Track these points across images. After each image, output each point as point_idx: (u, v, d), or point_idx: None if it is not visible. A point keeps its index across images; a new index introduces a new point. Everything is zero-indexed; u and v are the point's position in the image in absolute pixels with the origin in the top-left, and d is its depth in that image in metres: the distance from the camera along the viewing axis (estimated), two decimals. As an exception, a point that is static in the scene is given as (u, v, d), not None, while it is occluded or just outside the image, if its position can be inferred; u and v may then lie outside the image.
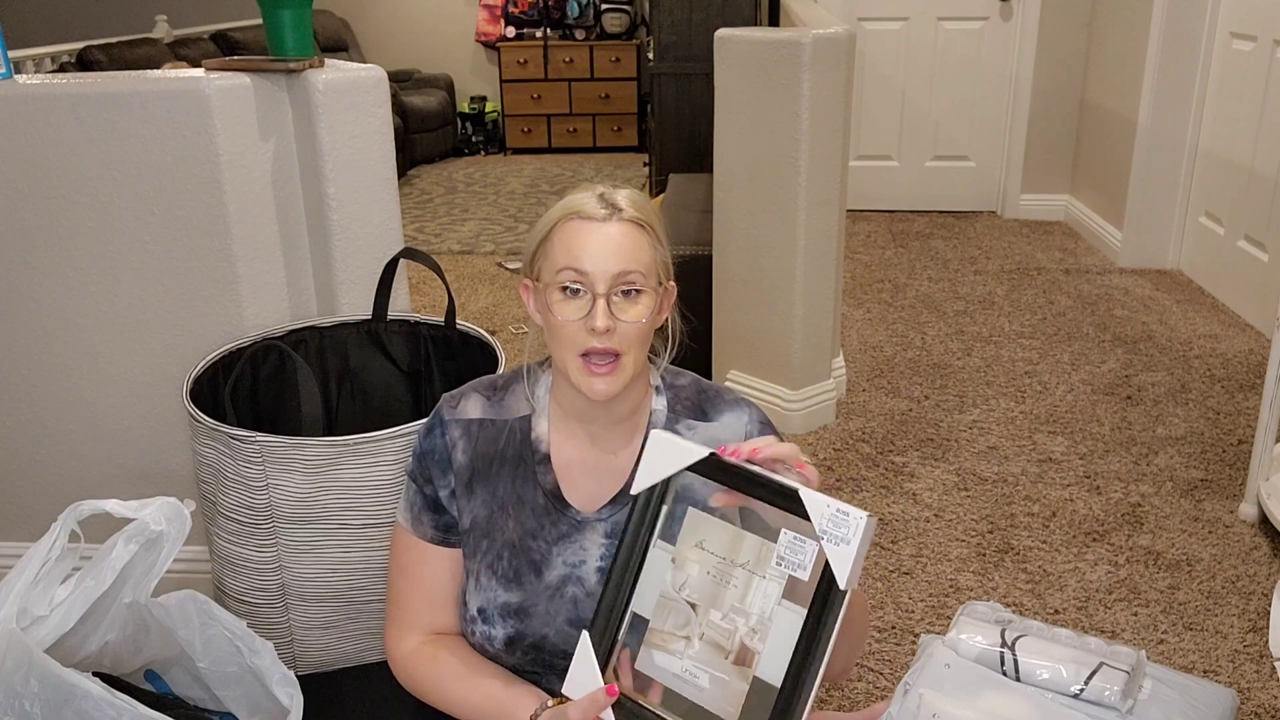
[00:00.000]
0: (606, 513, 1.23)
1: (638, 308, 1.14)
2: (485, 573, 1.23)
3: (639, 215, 1.16)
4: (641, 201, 1.18)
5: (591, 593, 1.22)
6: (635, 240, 1.15)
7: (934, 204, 5.29)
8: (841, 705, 1.88)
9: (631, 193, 1.18)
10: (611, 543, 1.22)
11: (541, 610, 1.22)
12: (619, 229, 1.14)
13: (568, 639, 1.21)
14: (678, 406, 1.25)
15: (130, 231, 1.92)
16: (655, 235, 1.17)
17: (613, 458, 1.24)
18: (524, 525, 1.23)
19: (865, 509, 1.25)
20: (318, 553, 1.57)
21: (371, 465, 1.53)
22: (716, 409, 1.25)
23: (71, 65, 5.01)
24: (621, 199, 1.16)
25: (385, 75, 1.95)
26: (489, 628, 1.22)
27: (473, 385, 1.30)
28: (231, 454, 1.54)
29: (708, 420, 1.24)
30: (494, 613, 1.22)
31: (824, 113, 2.65)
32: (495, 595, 1.22)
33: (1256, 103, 3.63)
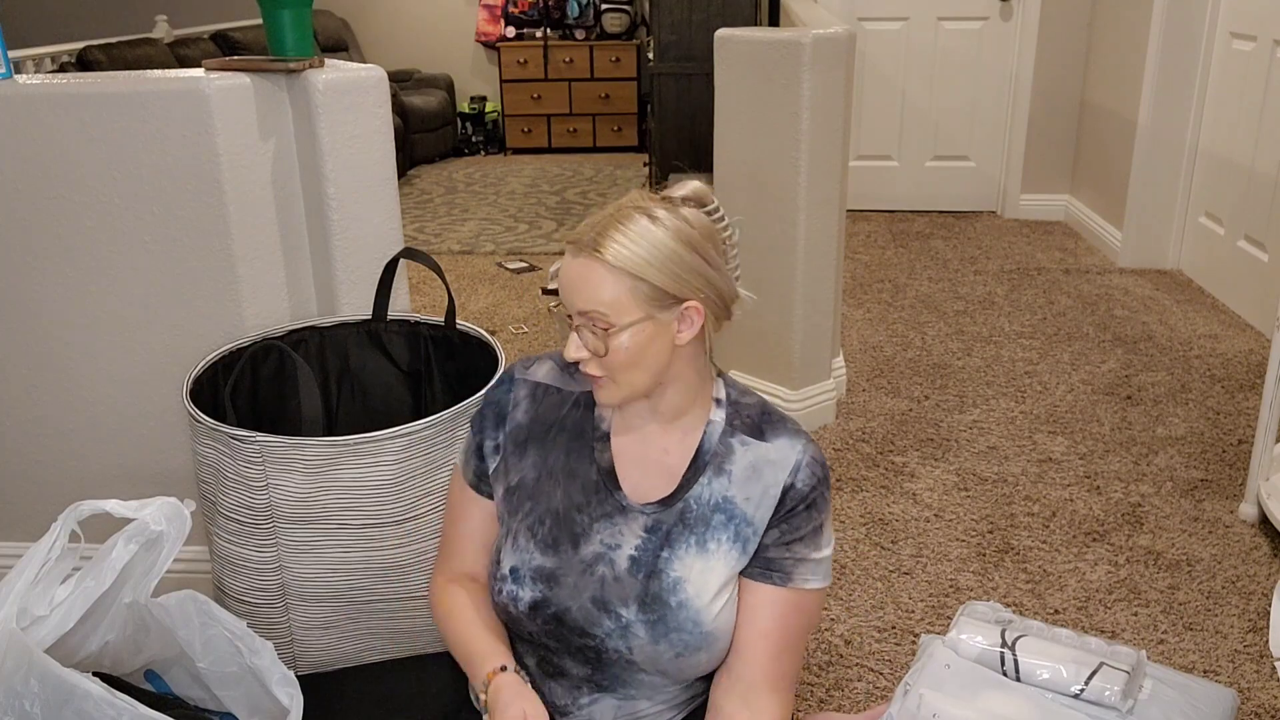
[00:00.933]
0: (651, 509, 1.25)
1: (613, 341, 1.15)
2: (524, 534, 1.26)
3: (606, 255, 1.12)
4: (638, 235, 1.13)
5: (620, 578, 1.23)
6: (598, 279, 1.13)
7: (934, 204, 5.29)
8: (841, 705, 1.88)
9: (634, 226, 1.14)
10: (649, 537, 1.23)
11: (571, 582, 1.23)
12: (583, 266, 1.14)
13: (588, 616, 1.23)
14: (736, 421, 1.26)
15: (130, 231, 1.92)
16: (635, 274, 1.13)
17: (664, 456, 1.26)
18: (571, 497, 1.27)
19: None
20: (318, 553, 1.57)
21: (371, 465, 1.53)
22: (775, 432, 1.25)
23: (71, 65, 5.01)
24: (612, 230, 1.13)
25: (385, 75, 1.95)
26: (517, 588, 1.24)
27: (550, 354, 1.35)
28: (231, 454, 1.54)
29: (763, 440, 1.24)
30: (526, 574, 1.25)
31: (824, 113, 2.65)
32: (531, 557, 1.25)
33: (1256, 103, 3.63)
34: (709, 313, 1.19)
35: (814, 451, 1.24)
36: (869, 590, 2.20)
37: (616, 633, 1.22)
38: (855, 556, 2.32)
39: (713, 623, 1.21)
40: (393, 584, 1.59)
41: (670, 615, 1.21)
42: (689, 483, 1.24)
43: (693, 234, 1.16)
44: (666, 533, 1.23)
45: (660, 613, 1.21)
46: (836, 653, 2.01)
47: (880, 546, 2.36)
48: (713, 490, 1.24)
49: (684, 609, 1.20)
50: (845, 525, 2.44)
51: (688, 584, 1.21)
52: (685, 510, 1.24)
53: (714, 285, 1.18)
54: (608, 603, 1.22)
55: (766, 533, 1.22)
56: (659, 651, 1.21)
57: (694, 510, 1.23)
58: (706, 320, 1.19)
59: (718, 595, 1.21)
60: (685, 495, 1.24)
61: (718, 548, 1.22)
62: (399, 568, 1.58)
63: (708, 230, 1.18)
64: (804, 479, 1.22)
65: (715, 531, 1.22)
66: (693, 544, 1.22)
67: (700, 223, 1.17)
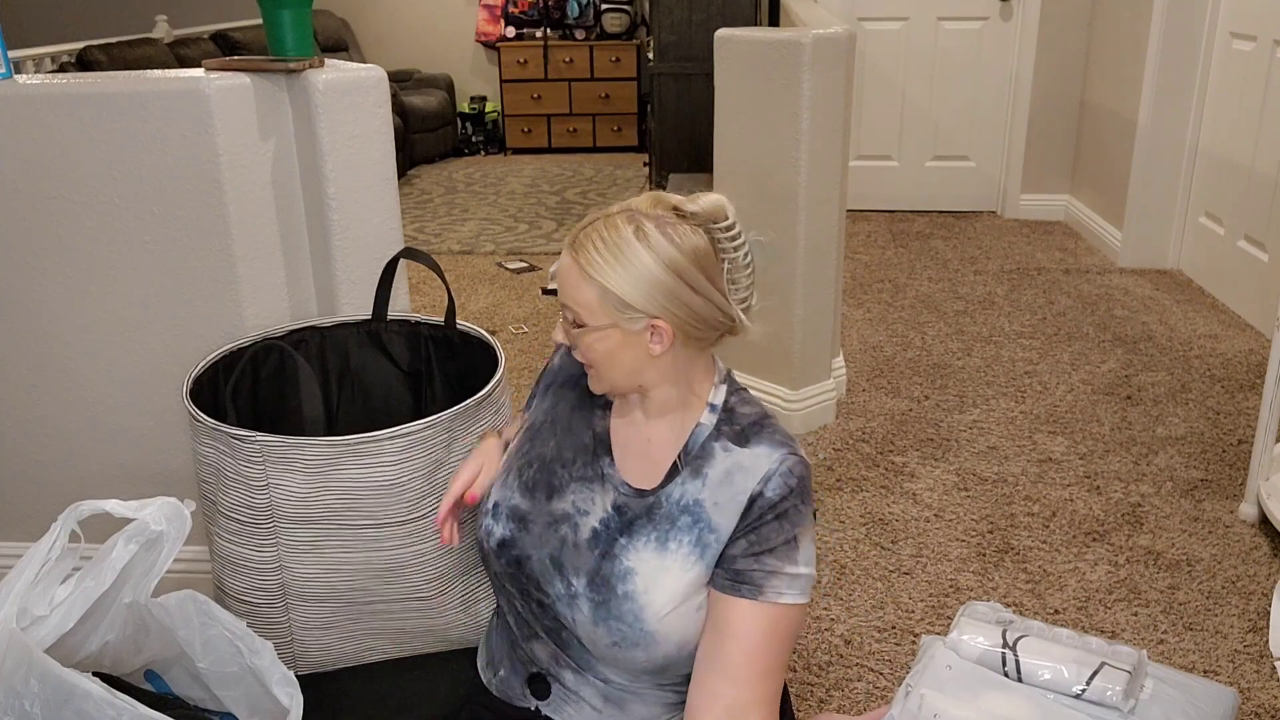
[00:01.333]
0: (625, 489, 1.25)
1: (585, 339, 1.18)
2: (514, 473, 1.32)
3: (580, 259, 1.15)
4: (608, 244, 1.14)
5: (579, 545, 1.24)
6: (574, 280, 1.16)
7: (934, 204, 5.29)
8: (841, 706, 1.87)
9: (610, 233, 1.15)
10: (613, 516, 1.24)
11: (537, 531, 1.26)
12: (566, 264, 1.18)
13: (545, 571, 1.25)
14: (725, 428, 1.24)
15: (130, 231, 1.92)
16: (600, 281, 1.14)
17: (648, 446, 1.26)
18: (562, 451, 1.30)
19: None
20: (318, 553, 1.57)
21: (372, 465, 1.52)
22: (758, 441, 1.22)
23: (71, 65, 5.01)
24: (591, 233, 1.15)
25: (385, 75, 1.95)
26: (492, 523, 1.29)
27: None
28: (232, 454, 1.54)
29: (744, 447, 1.22)
30: (503, 511, 1.29)
31: (824, 113, 2.65)
32: (510, 495, 1.29)
33: (1256, 103, 3.63)
34: (680, 333, 1.17)
35: (793, 464, 1.19)
36: (869, 590, 2.20)
37: (565, 599, 1.23)
38: (855, 556, 2.32)
39: (657, 623, 1.19)
40: (393, 584, 1.59)
41: (615, 602, 1.20)
42: (666, 481, 1.24)
43: (676, 256, 1.14)
44: (630, 520, 1.23)
45: (605, 596, 1.21)
46: (836, 653, 2.01)
47: (880, 546, 2.36)
48: (686, 491, 1.22)
49: (629, 600, 1.19)
50: (845, 525, 2.44)
51: (638, 577, 1.20)
52: (655, 505, 1.23)
53: (690, 308, 1.16)
54: (563, 566, 1.24)
55: (734, 542, 1.18)
56: (597, 634, 1.21)
57: (663, 508, 1.23)
58: (679, 338, 1.18)
59: (669, 597, 1.19)
60: (659, 492, 1.23)
61: (678, 548, 1.20)
62: (400, 568, 1.58)
63: (697, 253, 1.16)
64: (774, 488, 1.18)
65: (679, 533, 1.21)
66: (653, 539, 1.21)
67: (690, 245, 1.15)
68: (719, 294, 1.18)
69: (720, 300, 1.19)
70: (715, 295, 1.18)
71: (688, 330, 1.18)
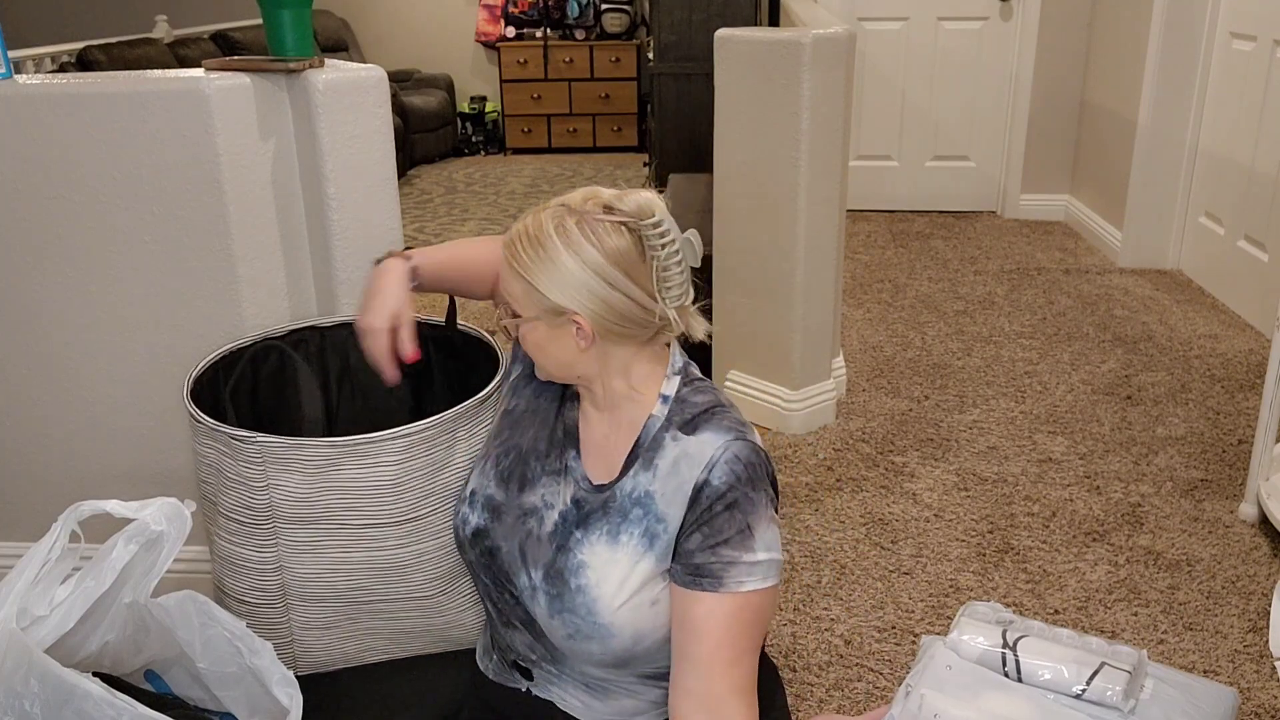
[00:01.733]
0: (585, 484, 1.26)
1: (517, 324, 1.24)
2: (492, 461, 1.34)
3: (505, 251, 1.21)
4: (531, 238, 1.19)
5: (540, 539, 1.25)
6: (507, 273, 1.22)
7: (934, 204, 5.29)
8: (841, 706, 1.87)
9: (534, 227, 1.19)
10: (571, 510, 1.25)
11: (508, 521, 1.28)
12: (502, 258, 1.23)
13: (512, 563, 1.27)
14: (675, 418, 1.24)
15: (130, 231, 1.92)
16: (522, 275, 1.19)
17: (605, 441, 1.27)
18: (538, 443, 1.31)
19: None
20: (318, 553, 1.57)
21: (372, 466, 1.52)
22: (705, 427, 1.21)
23: (71, 65, 5.01)
24: (519, 226, 1.21)
25: (385, 75, 1.95)
26: (469, 510, 1.32)
27: None
28: (232, 454, 1.54)
29: (690, 436, 1.21)
30: (480, 499, 1.32)
31: (824, 113, 2.65)
32: (487, 484, 1.32)
33: (1256, 103, 3.63)
34: (600, 329, 1.18)
35: (738, 449, 1.18)
36: (869, 590, 2.20)
37: (528, 591, 1.25)
38: (855, 556, 2.32)
39: (610, 616, 1.19)
40: (394, 584, 1.59)
41: (568, 595, 1.21)
42: (621, 475, 1.24)
43: (595, 255, 1.15)
44: (586, 513, 1.24)
45: (559, 589, 1.22)
46: (836, 653, 2.01)
47: (880, 546, 2.36)
48: (637, 484, 1.22)
49: (582, 594, 1.20)
50: (845, 525, 2.44)
51: (590, 570, 1.21)
52: (609, 499, 1.24)
53: (609, 306, 1.17)
54: (526, 557, 1.26)
55: (689, 535, 1.17)
56: (553, 626, 1.23)
57: (616, 501, 1.23)
58: (602, 334, 1.19)
59: (621, 590, 1.19)
60: (614, 486, 1.24)
61: (628, 540, 1.20)
62: (400, 568, 1.58)
63: (618, 252, 1.16)
64: (720, 476, 1.16)
65: (630, 525, 1.21)
66: (605, 533, 1.22)
67: (612, 245, 1.16)
68: (641, 292, 1.18)
69: (643, 298, 1.18)
70: (637, 293, 1.17)
71: (609, 327, 1.19)
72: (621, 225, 1.17)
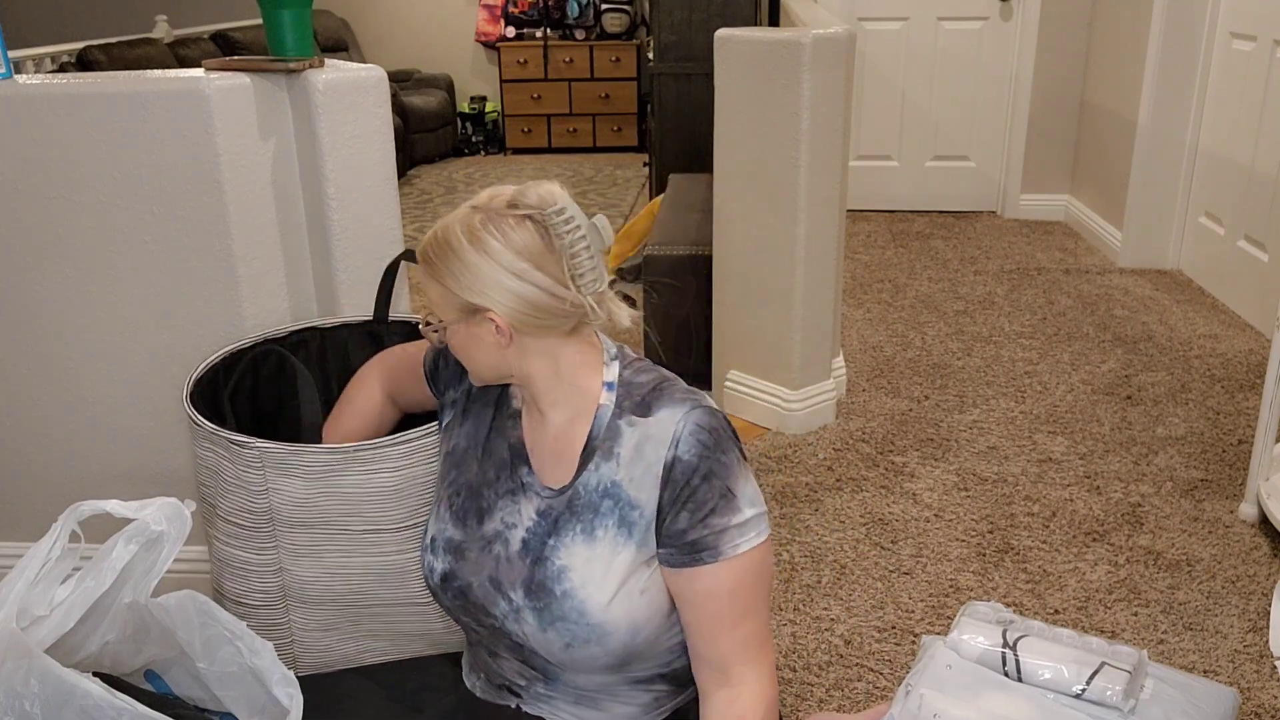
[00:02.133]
0: (547, 493, 1.25)
1: (440, 335, 1.26)
2: (444, 504, 1.33)
3: (425, 267, 1.22)
4: (438, 240, 1.20)
5: (511, 559, 1.24)
6: (424, 279, 1.23)
7: (934, 204, 5.29)
8: (841, 705, 1.88)
9: (442, 230, 1.21)
10: (539, 522, 1.24)
11: (473, 557, 1.27)
12: (420, 266, 1.24)
13: (487, 594, 1.25)
14: (625, 403, 1.23)
15: (130, 231, 1.92)
16: (434, 276, 1.21)
17: (555, 443, 1.26)
18: (485, 472, 1.30)
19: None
20: (318, 557, 1.56)
21: (373, 472, 1.52)
22: (659, 406, 1.21)
23: (71, 65, 5.01)
24: (433, 242, 1.21)
25: (385, 75, 1.95)
26: (433, 558, 1.31)
27: None
28: (231, 458, 1.54)
29: (647, 417, 1.21)
30: (440, 545, 1.30)
31: (824, 113, 2.65)
32: (445, 528, 1.31)
33: (1256, 103, 3.63)
34: (515, 324, 1.18)
35: (699, 417, 1.18)
36: (869, 590, 2.20)
37: (510, 616, 1.23)
38: (855, 556, 2.32)
39: (602, 614, 1.18)
40: (393, 589, 1.59)
41: (555, 604, 1.20)
42: (580, 470, 1.23)
43: (502, 250, 1.16)
44: (555, 519, 1.23)
45: (545, 601, 1.20)
46: (836, 653, 2.01)
47: (880, 546, 2.36)
48: (601, 476, 1.21)
49: (569, 599, 1.19)
50: (845, 525, 2.44)
51: (573, 573, 1.20)
52: (574, 498, 1.23)
53: (522, 299, 1.17)
54: (500, 583, 1.24)
55: (674, 516, 1.17)
56: (548, 640, 1.21)
57: (582, 497, 1.22)
58: (519, 328, 1.19)
59: (606, 585, 1.18)
60: (575, 483, 1.23)
61: (605, 534, 1.20)
62: (399, 573, 1.58)
63: (525, 245, 1.16)
64: (687, 449, 1.16)
65: (603, 518, 1.20)
66: (579, 532, 1.21)
67: (517, 239, 1.16)
68: (552, 282, 1.17)
69: (554, 288, 1.17)
70: (547, 283, 1.17)
71: (525, 320, 1.18)
72: (525, 218, 1.17)
